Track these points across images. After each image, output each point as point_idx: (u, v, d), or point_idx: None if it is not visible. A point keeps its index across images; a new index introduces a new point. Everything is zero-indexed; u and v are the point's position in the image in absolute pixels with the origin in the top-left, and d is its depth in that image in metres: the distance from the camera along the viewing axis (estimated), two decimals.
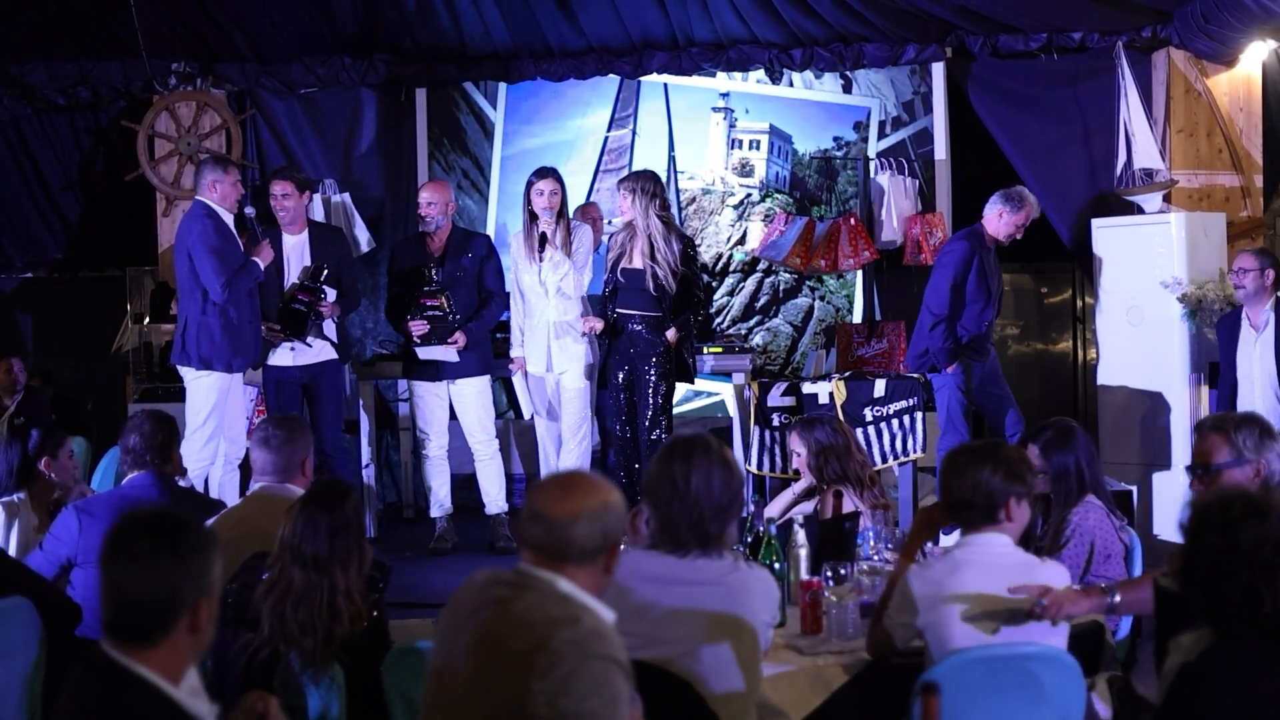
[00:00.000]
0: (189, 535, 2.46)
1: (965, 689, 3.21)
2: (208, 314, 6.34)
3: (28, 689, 3.86)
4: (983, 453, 3.47)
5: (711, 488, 3.14)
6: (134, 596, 2.40)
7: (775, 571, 3.90)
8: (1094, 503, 4.28)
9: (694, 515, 3.14)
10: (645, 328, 6.64)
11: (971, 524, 3.47)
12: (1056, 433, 4.32)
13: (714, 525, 3.16)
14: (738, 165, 8.53)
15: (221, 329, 6.34)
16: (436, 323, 6.69)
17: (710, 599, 3.15)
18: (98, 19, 7.95)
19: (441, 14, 8.02)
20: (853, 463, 4.80)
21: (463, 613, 2.65)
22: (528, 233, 6.70)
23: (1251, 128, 7.79)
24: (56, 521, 4.47)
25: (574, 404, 6.75)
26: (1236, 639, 2.66)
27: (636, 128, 8.60)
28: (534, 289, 6.69)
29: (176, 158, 8.24)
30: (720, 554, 3.20)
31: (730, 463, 3.20)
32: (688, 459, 3.15)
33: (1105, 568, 4.18)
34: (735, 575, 3.20)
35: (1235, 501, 2.74)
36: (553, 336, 6.71)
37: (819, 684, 3.53)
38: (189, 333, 6.40)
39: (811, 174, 8.47)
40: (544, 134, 8.63)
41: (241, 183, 6.61)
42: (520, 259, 6.73)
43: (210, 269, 6.29)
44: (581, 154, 8.59)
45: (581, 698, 2.46)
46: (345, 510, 3.49)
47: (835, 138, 8.48)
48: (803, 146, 8.49)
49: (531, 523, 2.63)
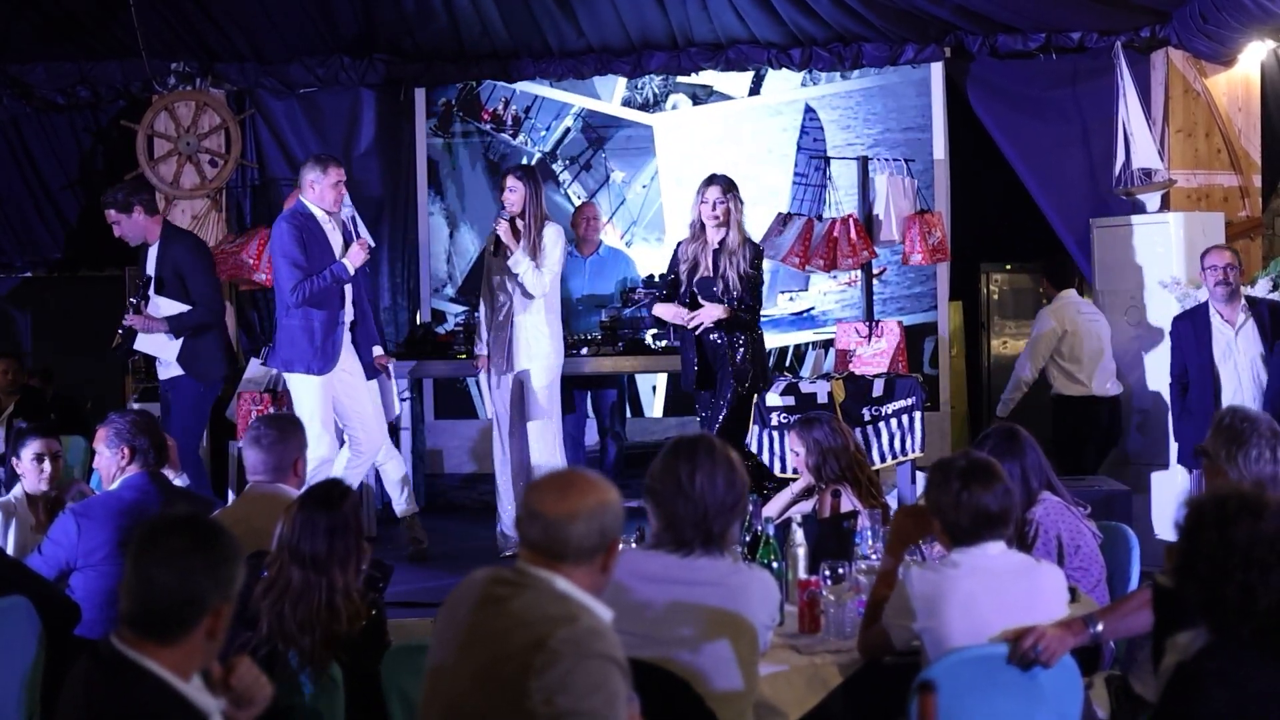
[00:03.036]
0: (222, 541, 2.53)
1: (963, 688, 3.21)
2: (290, 316, 6.33)
3: (26, 689, 3.86)
4: (987, 475, 3.48)
5: (715, 487, 3.15)
6: (163, 592, 2.45)
7: (773, 571, 3.90)
8: (1050, 499, 4.24)
9: (698, 514, 3.15)
10: (721, 334, 6.59)
11: (975, 539, 3.48)
12: (1000, 439, 4.27)
13: (718, 524, 3.17)
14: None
15: (301, 331, 6.30)
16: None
17: (710, 598, 3.15)
18: (97, 19, 7.96)
19: (440, 14, 8.02)
20: (851, 462, 4.80)
21: (461, 611, 2.66)
22: (496, 230, 6.57)
23: (1250, 128, 7.79)
24: (54, 526, 4.45)
25: (536, 401, 6.65)
26: (1233, 638, 2.67)
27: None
28: (500, 285, 6.62)
29: (176, 157, 8.25)
30: (722, 554, 3.21)
31: (734, 463, 3.21)
32: (692, 458, 3.17)
33: (1078, 560, 4.17)
34: (737, 576, 3.21)
35: (1231, 500, 2.75)
36: (517, 334, 6.62)
37: (817, 683, 3.53)
38: (277, 334, 6.48)
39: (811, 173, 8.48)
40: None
41: (344, 183, 6.46)
42: (489, 256, 6.67)
43: (283, 274, 6.28)
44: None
45: (579, 696, 2.46)
46: (343, 510, 3.50)
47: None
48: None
49: (528, 521, 2.63)
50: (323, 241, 6.35)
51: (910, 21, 7.96)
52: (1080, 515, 4.29)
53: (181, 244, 6.65)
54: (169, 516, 2.56)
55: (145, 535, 2.51)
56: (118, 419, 4.62)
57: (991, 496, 3.43)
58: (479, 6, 7.98)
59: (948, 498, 3.46)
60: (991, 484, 3.45)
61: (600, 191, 8.76)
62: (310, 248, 6.30)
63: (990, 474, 3.48)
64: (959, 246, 8.36)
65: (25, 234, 8.80)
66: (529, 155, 8.69)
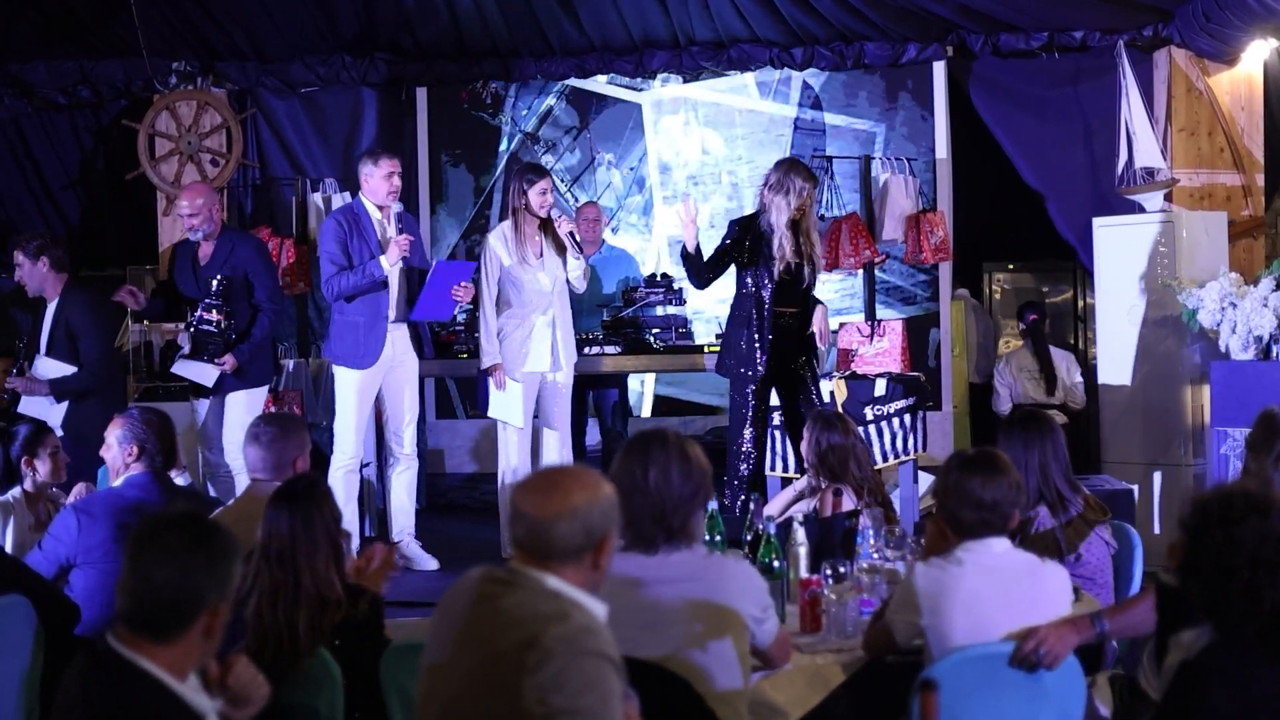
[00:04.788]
0: (219, 539, 2.53)
1: (965, 687, 3.20)
2: (337, 310, 6.37)
3: (25, 687, 3.85)
4: (986, 464, 3.46)
5: (670, 481, 3.13)
6: (161, 589, 2.44)
7: (774, 570, 3.89)
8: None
9: (655, 509, 3.15)
10: (796, 321, 6.57)
11: (975, 533, 3.46)
12: (1023, 423, 4.29)
13: (676, 518, 3.16)
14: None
15: (346, 326, 6.33)
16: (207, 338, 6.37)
17: (691, 593, 3.14)
18: (98, 18, 7.95)
19: (442, 13, 8.01)
20: (853, 462, 4.78)
21: (455, 609, 2.65)
22: (524, 232, 6.46)
23: (1253, 126, 7.78)
24: (55, 521, 4.45)
25: (566, 402, 6.69)
26: (1237, 636, 2.66)
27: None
28: (537, 290, 6.57)
29: (177, 157, 8.24)
30: (690, 546, 3.20)
31: (690, 455, 3.19)
32: (645, 454, 3.16)
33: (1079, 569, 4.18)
34: (710, 566, 3.20)
35: (1236, 498, 2.74)
36: (560, 335, 6.65)
37: (818, 682, 3.52)
38: (329, 327, 6.50)
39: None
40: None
41: (400, 174, 6.36)
42: (511, 259, 6.44)
43: (323, 269, 6.33)
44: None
45: (573, 695, 2.45)
46: (309, 503, 3.49)
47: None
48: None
49: (515, 522, 2.63)
50: (370, 237, 6.33)
51: (912, 20, 7.95)
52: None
53: (78, 305, 6.44)
54: (166, 514, 2.55)
55: (142, 533, 2.50)
56: (135, 414, 4.61)
57: (994, 489, 3.41)
58: (480, 5, 7.97)
59: (947, 487, 3.45)
60: (993, 475, 3.42)
61: (585, 175, 8.70)
62: (352, 243, 6.30)
63: (993, 465, 3.45)
64: (961, 246, 8.36)
65: (26, 233, 8.79)
66: (509, 136, 8.66)
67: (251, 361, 6.47)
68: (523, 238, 6.43)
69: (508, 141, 8.71)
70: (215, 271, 6.40)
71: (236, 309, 6.40)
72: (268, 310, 6.52)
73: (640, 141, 8.67)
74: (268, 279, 6.57)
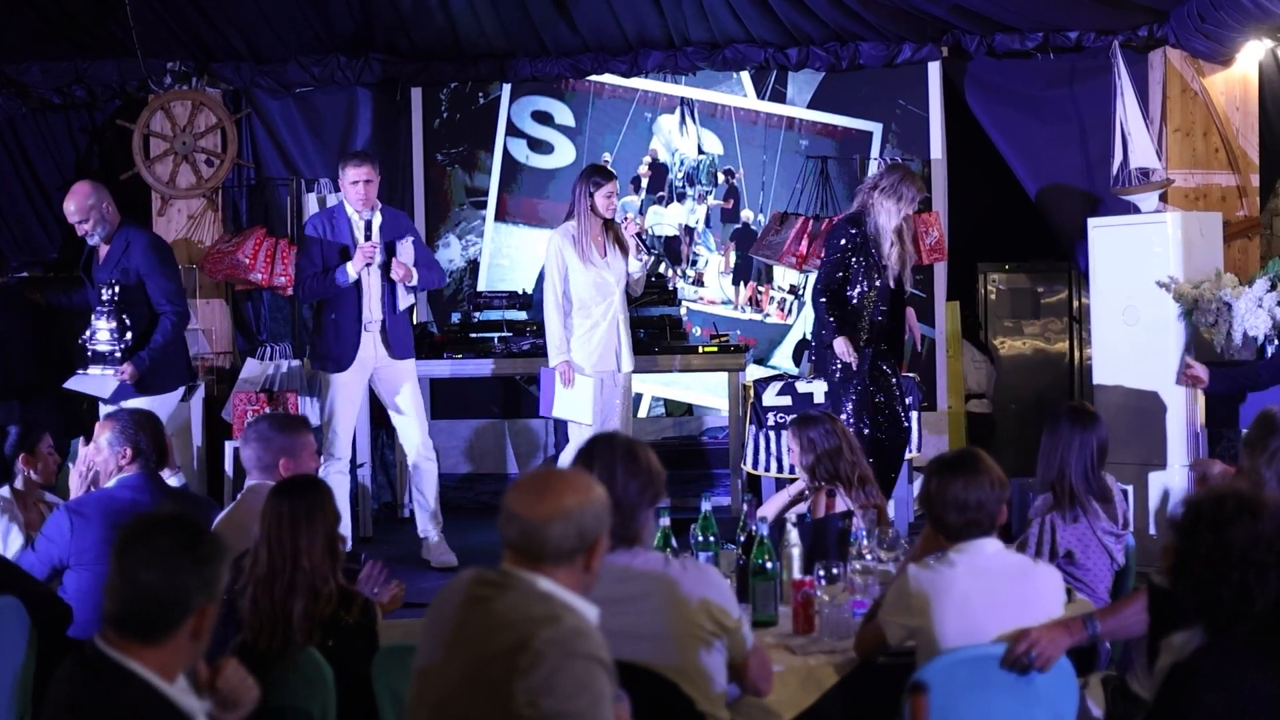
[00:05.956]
0: (207, 540, 2.54)
1: (957, 688, 3.20)
2: (318, 313, 6.44)
3: (18, 689, 3.84)
4: (965, 466, 3.46)
5: (614, 480, 3.10)
6: (148, 591, 2.45)
7: (767, 571, 3.89)
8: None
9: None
10: (889, 321, 6.68)
11: (963, 535, 3.46)
12: (1069, 414, 4.39)
13: (618, 517, 3.14)
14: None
15: (322, 328, 6.39)
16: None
17: (658, 594, 3.12)
18: (93, 18, 7.94)
19: (437, 13, 8.01)
20: (845, 462, 4.78)
21: (446, 611, 2.64)
22: (590, 233, 6.60)
23: (1248, 127, 7.77)
24: (48, 522, 4.44)
25: (629, 400, 6.81)
26: (1228, 639, 2.65)
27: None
28: (603, 288, 6.65)
29: (172, 157, 8.24)
30: (641, 550, 3.17)
31: (638, 456, 3.16)
32: (590, 455, 3.17)
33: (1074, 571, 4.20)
34: (668, 573, 3.17)
35: (1228, 500, 2.73)
36: (623, 334, 6.71)
37: (811, 683, 3.52)
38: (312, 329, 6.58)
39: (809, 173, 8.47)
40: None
41: (370, 182, 6.33)
42: (574, 261, 6.58)
43: (295, 271, 6.38)
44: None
45: (565, 698, 2.45)
46: (313, 496, 3.54)
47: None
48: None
49: (507, 523, 2.62)
50: (344, 241, 6.38)
51: (907, 21, 7.94)
52: (1099, 528, 4.29)
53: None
54: (154, 516, 2.56)
55: (129, 535, 2.50)
56: (124, 416, 4.60)
57: (977, 489, 3.40)
58: (475, 6, 7.96)
59: (930, 492, 3.47)
60: (974, 476, 3.42)
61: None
62: (325, 245, 6.36)
63: (973, 466, 3.45)
64: (956, 246, 8.36)
65: (21, 234, 8.78)
66: (504, 136, 8.64)
67: (154, 369, 6.26)
68: (588, 238, 6.58)
69: (502, 142, 8.69)
70: (108, 275, 6.25)
71: (134, 314, 6.20)
72: (169, 312, 6.30)
73: (636, 141, 8.66)
74: (163, 279, 6.32)
